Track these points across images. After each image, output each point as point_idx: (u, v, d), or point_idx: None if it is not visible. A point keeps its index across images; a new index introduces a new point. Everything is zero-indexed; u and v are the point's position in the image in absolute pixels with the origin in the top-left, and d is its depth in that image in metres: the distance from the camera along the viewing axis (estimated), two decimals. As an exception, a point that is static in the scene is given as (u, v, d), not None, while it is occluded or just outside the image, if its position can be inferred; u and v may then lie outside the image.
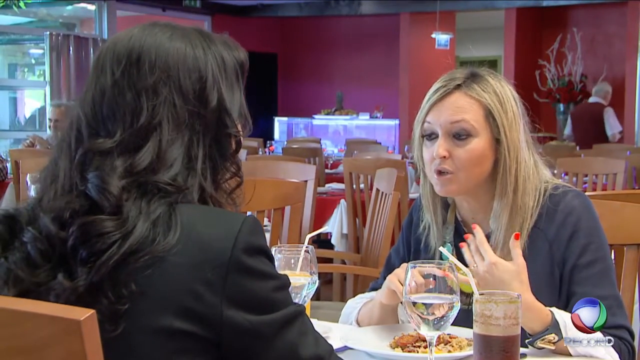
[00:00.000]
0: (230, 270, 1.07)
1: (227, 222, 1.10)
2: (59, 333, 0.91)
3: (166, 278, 1.06)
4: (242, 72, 1.23)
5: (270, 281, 1.11)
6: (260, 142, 8.09)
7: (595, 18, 11.14)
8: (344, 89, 12.64)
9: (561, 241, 1.65)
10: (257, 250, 1.10)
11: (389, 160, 4.94)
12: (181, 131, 1.13)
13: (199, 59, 1.16)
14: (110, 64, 1.15)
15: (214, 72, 1.17)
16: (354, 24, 12.86)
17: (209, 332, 1.07)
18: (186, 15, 12.15)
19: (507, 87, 1.69)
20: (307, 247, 1.57)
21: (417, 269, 1.38)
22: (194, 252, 1.07)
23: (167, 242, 1.06)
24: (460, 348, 1.50)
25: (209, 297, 1.06)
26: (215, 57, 1.18)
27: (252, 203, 2.47)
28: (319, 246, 5.02)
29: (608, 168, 4.57)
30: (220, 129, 1.17)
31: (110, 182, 1.09)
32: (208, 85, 1.16)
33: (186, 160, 1.13)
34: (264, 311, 1.09)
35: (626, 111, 10.29)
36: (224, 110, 1.17)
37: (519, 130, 1.66)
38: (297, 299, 1.54)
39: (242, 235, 1.09)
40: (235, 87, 1.20)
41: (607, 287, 1.64)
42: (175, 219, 1.08)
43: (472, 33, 13.33)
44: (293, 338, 1.11)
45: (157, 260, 1.06)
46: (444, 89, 1.67)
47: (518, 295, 1.33)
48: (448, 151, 1.65)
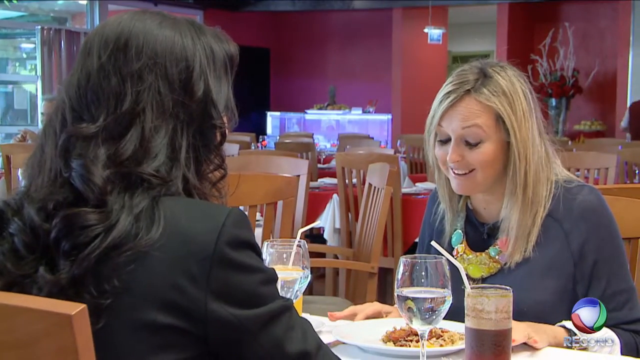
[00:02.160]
0: (215, 263, 1.06)
1: (211, 215, 1.10)
2: (50, 327, 0.91)
3: (150, 273, 1.06)
4: (232, 66, 1.22)
5: (256, 275, 1.10)
6: (252, 137, 8.09)
7: (587, 13, 11.17)
8: (337, 83, 12.64)
9: (580, 234, 1.68)
10: (243, 243, 1.09)
11: (382, 155, 4.94)
12: (165, 120, 1.12)
13: (187, 48, 1.15)
14: (98, 47, 1.14)
15: (202, 62, 1.16)
16: (346, 19, 12.85)
17: (194, 327, 1.07)
18: (178, 9, 12.12)
19: (519, 82, 1.71)
20: (300, 242, 1.57)
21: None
22: (178, 246, 1.06)
23: (150, 237, 1.06)
24: (452, 342, 1.50)
25: (193, 291, 1.05)
26: (204, 48, 1.17)
27: (245, 198, 2.48)
28: (312, 241, 5.02)
29: (600, 162, 4.59)
30: (205, 120, 1.16)
31: (94, 172, 1.08)
32: (195, 75, 1.15)
33: (170, 151, 1.12)
34: (250, 305, 1.08)
35: (617, 106, 10.32)
36: (209, 102, 1.16)
37: (528, 126, 1.68)
38: (289, 294, 1.54)
39: (226, 228, 1.08)
40: (223, 79, 1.20)
41: (626, 281, 1.69)
42: (158, 213, 1.07)
43: (465, 28, 13.34)
44: (279, 333, 1.10)
45: (140, 256, 1.05)
46: (455, 95, 1.68)
47: (509, 289, 1.34)
48: (461, 155, 1.69)
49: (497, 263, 1.72)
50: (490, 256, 1.73)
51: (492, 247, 1.73)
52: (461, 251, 1.77)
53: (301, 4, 12.20)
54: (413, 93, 11.53)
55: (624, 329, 1.62)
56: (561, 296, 1.67)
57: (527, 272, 1.68)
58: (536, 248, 1.69)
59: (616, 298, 1.63)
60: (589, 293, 1.65)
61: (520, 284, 1.65)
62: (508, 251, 1.71)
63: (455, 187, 1.73)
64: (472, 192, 1.75)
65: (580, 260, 1.68)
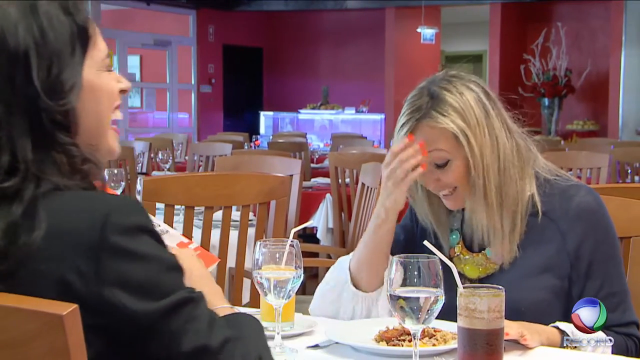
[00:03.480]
0: (103, 254, 1.02)
1: (94, 206, 1.04)
2: (41, 328, 0.91)
3: (38, 275, 1.01)
4: (82, 39, 1.12)
5: (153, 262, 1.05)
6: (245, 137, 8.07)
7: (579, 12, 11.19)
8: (330, 83, 12.65)
9: (576, 234, 1.68)
10: (134, 229, 1.04)
11: (375, 155, 4.93)
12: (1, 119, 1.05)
13: (19, 31, 1.06)
14: None
15: (29, 45, 1.06)
16: (339, 19, 12.85)
17: (94, 320, 1.01)
18: (171, 9, 12.11)
19: (468, 90, 1.69)
20: (292, 242, 1.57)
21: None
22: (61, 244, 1.02)
23: (32, 241, 1.01)
24: (445, 341, 1.50)
25: (82, 285, 1.01)
26: (39, 25, 1.07)
27: (237, 197, 2.48)
28: (305, 240, 5.02)
29: (592, 162, 4.60)
30: (42, 110, 1.06)
31: None
32: (19, 64, 1.06)
33: (11, 156, 1.05)
34: (148, 296, 1.03)
35: (610, 105, 10.35)
36: (35, 88, 1.06)
37: (484, 132, 1.66)
38: (282, 294, 1.54)
39: (112, 216, 1.03)
40: (63, 59, 1.09)
41: (620, 283, 1.69)
42: (39, 215, 1.02)
43: (458, 27, 13.35)
44: (177, 326, 1.04)
45: (25, 260, 1.01)
46: (408, 125, 1.69)
47: (502, 288, 1.34)
48: (436, 179, 1.70)
49: (494, 263, 1.73)
50: (486, 257, 1.73)
51: (489, 249, 1.73)
52: (458, 251, 1.77)
53: (294, 4, 12.20)
54: (406, 93, 11.30)
55: (616, 332, 1.62)
56: (558, 296, 1.67)
57: (523, 271, 1.69)
58: (530, 247, 1.70)
59: (609, 300, 1.63)
60: (584, 294, 1.65)
61: (517, 283, 1.66)
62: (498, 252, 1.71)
63: (448, 205, 1.74)
64: (464, 204, 1.73)
65: (575, 261, 1.68)
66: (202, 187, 2.35)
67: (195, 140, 10.99)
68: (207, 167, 5.75)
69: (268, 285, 1.53)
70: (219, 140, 7.05)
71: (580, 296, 1.64)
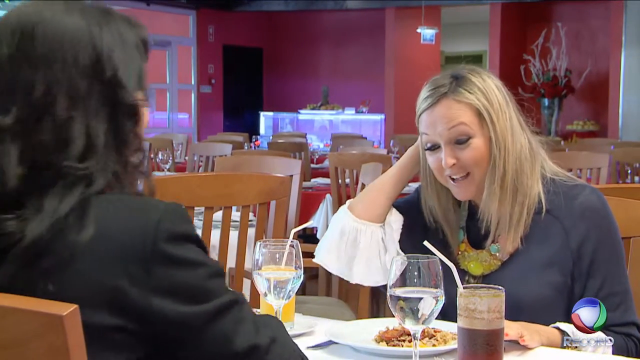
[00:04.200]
0: (154, 261, 1.04)
1: (145, 212, 1.07)
2: (41, 328, 0.91)
3: (86, 277, 1.03)
4: (145, 48, 1.19)
5: (200, 269, 1.08)
6: (245, 137, 8.07)
7: (579, 13, 11.19)
8: (330, 83, 12.65)
9: (579, 232, 1.69)
10: (182, 237, 1.07)
11: (375, 155, 4.94)
12: (78, 106, 1.09)
13: (94, 32, 1.12)
14: (5, 37, 1.11)
15: (109, 44, 1.12)
16: (339, 19, 12.85)
17: (140, 326, 1.04)
18: (170, 9, 12.11)
19: (489, 79, 1.74)
20: (292, 242, 1.57)
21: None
22: (112, 248, 1.04)
23: (79, 240, 1.03)
24: (445, 342, 1.50)
25: (134, 291, 1.03)
26: (111, 31, 1.14)
27: (237, 197, 2.48)
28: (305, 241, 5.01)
29: (592, 162, 4.59)
30: (118, 101, 1.12)
31: (8, 172, 1.05)
32: (104, 55, 1.11)
33: (86, 139, 1.08)
34: (195, 301, 1.07)
35: (610, 106, 10.35)
36: (119, 82, 1.12)
37: (506, 117, 1.71)
38: (282, 294, 1.54)
39: (162, 224, 1.05)
40: (134, 56, 1.16)
41: (622, 283, 1.69)
42: (88, 216, 1.04)
43: (458, 28, 13.36)
44: (227, 328, 1.08)
45: (72, 261, 1.03)
46: (431, 99, 1.71)
47: (502, 289, 1.34)
48: (455, 157, 1.70)
49: (498, 260, 1.73)
50: (490, 253, 1.74)
51: (493, 245, 1.74)
52: (462, 249, 1.78)
53: (294, 4, 12.20)
54: (406, 93, 11.53)
55: (615, 332, 1.62)
56: (561, 293, 1.68)
57: (527, 268, 1.69)
58: (534, 244, 1.70)
59: (610, 299, 1.63)
60: (585, 292, 1.66)
61: (520, 279, 1.67)
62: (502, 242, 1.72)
63: (456, 194, 1.74)
64: (473, 195, 1.74)
65: (578, 258, 1.69)
66: (202, 188, 2.35)
67: (195, 141, 10.98)
68: (207, 168, 5.75)
69: (268, 285, 1.53)
70: (218, 141, 7.05)
71: (582, 295, 1.64)
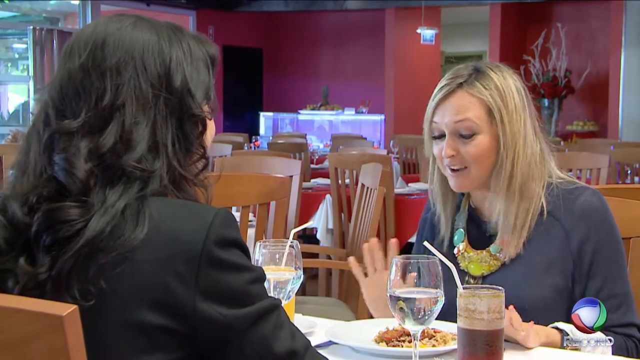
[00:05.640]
0: (203, 263, 1.08)
1: (198, 215, 1.11)
2: (41, 329, 0.91)
3: (137, 274, 1.06)
4: (213, 65, 1.24)
5: (245, 274, 1.11)
6: (245, 138, 8.07)
7: (579, 13, 11.19)
8: (330, 84, 12.64)
9: (579, 234, 1.69)
10: (230, 242, 1.11)
11: (374, 156, 4.94)
12: (145, 112, 1.14)
13: (163, 45, 1.17)
14: (77, 49, 1.17)
15: (179, 55, 1.18)
16: (339, 19, 12.85)
17: (183, 326, 1.07)
18: (170, 9, 12.11)
19: (511, 78, 1.73)
20: (292, 242, 1.57)
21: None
22: (165, 247, 1.07)
23: (134, 237, 1.06)
24: (445, 342, 1.50)
25: (182, 291, 1.06)
26: (181, 45, 1.19)
27: (238, 198, 2.48)
28: (305, 241, 5.02)
29: (592, 163, 4.60)
30: (184, 111, 1.17)
31: (77, 166, 1.09)
32: (172, 66, 1.16)
33: (151, 142, 1.13)
34: (238, 304, 1.10)
35: (610, 106, 10.34)
36: (188, 92, 1.17)
37: (520, 121, 1.70)
38: (282, 294, 1.54)
39: (214, 228, 1.09)
40: (202, 71, 1.20)
41: (622, 285, 1.69)
42: (144, 214, 1.08)
43: (458, 28, 13.36)
44: (267, 332, 1.11)
45: (127, 257, 1.06)
46: (448, 87, 1.72)
47: (501, 289, 1.34)
48: (455, 150, 1.70)
49: (498, 260, 1.74)
50: (491, 254, 1.74)
51: (493, 245, 1.74)
52: (462, 249, 1.78)
53: (294, 4, 12.20)
54: (406, 93, 11.54)
55: (615, 332, 1.63)
56: (562, 295, 1.68)
57: (527, 269, 1.70)
58: (535, 245, 1.71)
59: (610, 301, 1.64)
60: (585, 293, 1.66)
61: (520, 281, 1.67)
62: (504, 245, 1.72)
63: (452, 184, 1.75)
64: (468, 188, 1.75)
65: (578, 259, 1.69)
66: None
67: (195, 141, 10.96)
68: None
69: (268, 286, 1.53)
70: (218, 141, 7.04)
71: (582, 296, 1.64)
